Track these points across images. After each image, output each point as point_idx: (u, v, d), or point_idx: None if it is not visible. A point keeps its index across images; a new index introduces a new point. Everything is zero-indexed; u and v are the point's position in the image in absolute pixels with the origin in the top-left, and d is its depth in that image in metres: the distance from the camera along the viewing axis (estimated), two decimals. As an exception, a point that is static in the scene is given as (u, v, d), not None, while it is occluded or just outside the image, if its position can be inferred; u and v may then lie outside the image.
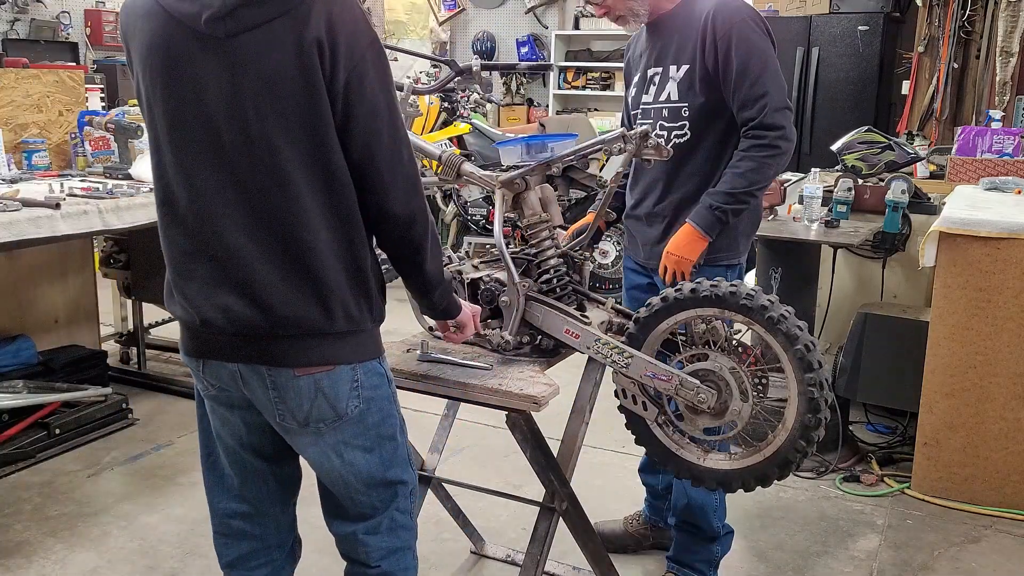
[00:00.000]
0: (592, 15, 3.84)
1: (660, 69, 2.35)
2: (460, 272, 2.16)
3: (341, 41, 1.47)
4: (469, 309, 1.90)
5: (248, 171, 1.51)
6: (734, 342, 1.88)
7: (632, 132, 1.99)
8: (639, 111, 2.42)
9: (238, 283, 1.55)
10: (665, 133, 2.34)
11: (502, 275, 2.10)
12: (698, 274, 2.18)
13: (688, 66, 2.27)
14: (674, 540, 2.56)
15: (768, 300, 1.81)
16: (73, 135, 3.91)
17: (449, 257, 2.22)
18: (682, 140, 2.32)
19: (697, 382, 1.85)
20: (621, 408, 2.02)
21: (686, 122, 2.30)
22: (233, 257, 1.55)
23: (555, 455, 2.07)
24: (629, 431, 2.04)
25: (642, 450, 2.08)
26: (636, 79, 2.45)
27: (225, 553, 1.85)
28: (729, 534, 2.55)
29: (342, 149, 1.52)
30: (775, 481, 1.89)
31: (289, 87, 1.47)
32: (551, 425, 2.22)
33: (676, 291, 1.90)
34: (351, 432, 1.67)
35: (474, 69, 2.17)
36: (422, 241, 1.64)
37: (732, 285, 1.84)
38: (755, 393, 1.86)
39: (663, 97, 2.33)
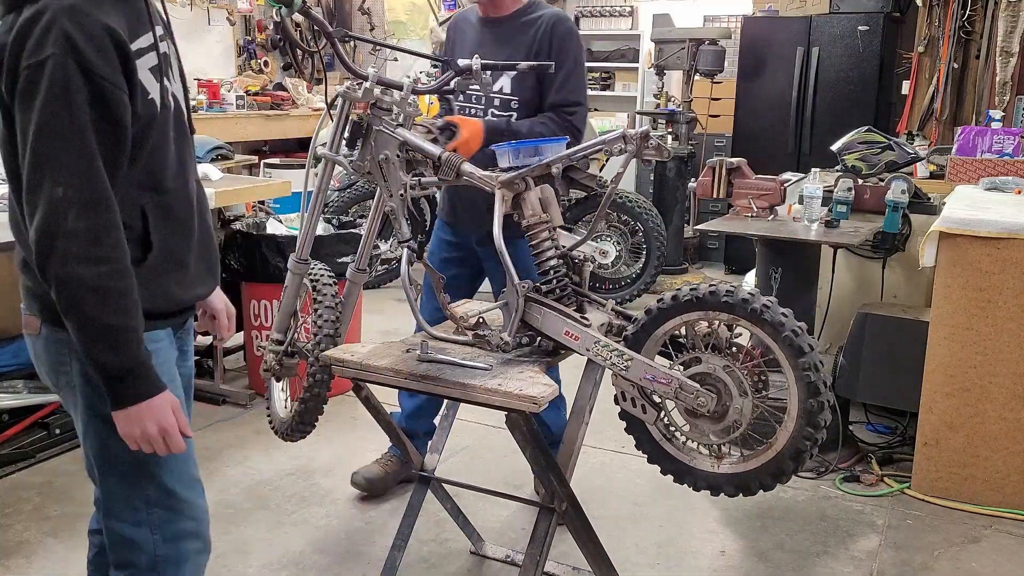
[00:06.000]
0: None
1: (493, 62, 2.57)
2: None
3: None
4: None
5: None
6: (729, 342, 1.88)
7: (633, 132, 1.99)
8: (464, 95, 2.72)
9: None
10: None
11: (502, 275, 2.09)
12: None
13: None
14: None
15: (749, 293, 1.83)
16: (73, 135, 3.91)
17: None
18: None
19: (697, 385, 1.85)
20: (628, 430, 2.01)
21: (514, 113, 2.72)
22: None
23: (555, 456, 2.07)
24: (640, 451, 2.04)
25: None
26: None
27: None
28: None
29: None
30: (792, 475, 1.88)
31: None
32: (551, 425, 2.22)
33: (658, 300, 1.92)
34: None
35: (474, 68, 2.17)
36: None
37: (712, 286, 1.87)
38: (754, 390, 1.86)
39: (496, 88, 2.70)
